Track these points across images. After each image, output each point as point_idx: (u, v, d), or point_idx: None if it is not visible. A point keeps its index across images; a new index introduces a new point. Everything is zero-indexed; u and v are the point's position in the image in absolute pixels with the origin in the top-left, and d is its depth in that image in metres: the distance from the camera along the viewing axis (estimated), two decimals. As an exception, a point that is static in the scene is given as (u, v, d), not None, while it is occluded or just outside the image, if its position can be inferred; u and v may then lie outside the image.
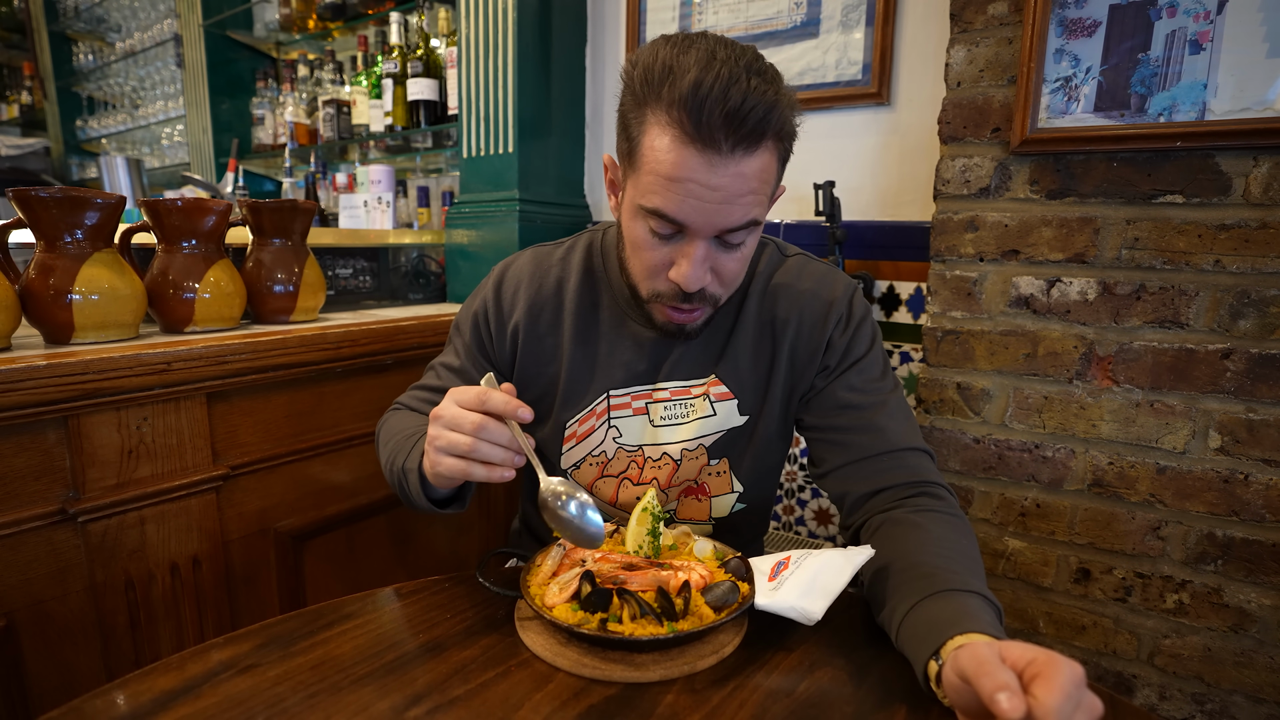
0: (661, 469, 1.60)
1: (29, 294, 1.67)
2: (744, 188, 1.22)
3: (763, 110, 1.16)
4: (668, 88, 1.18)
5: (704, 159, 1.18)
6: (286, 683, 1.04)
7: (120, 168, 3.86)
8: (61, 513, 1.58)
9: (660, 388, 1.57)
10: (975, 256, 2.20)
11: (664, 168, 1.21)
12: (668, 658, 1.11)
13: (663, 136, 1.20)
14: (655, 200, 1.24)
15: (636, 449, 1.60)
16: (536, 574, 1.27)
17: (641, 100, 1.23)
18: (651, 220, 1.28)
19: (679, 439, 1.58)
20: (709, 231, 1.27)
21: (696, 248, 1.28)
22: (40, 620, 1.57)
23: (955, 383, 2.28)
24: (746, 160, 1.20)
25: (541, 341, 1.59)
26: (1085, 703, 0.84)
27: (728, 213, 1.24)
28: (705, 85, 1.14)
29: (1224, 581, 1.98)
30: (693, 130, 1.17)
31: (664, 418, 1.58)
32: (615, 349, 1.57)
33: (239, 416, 1.90)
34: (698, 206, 1.22)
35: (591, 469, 1.63)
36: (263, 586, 1.99)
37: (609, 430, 1.59)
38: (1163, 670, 2.08)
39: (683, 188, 1.21)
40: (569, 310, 1.58)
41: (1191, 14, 1.84)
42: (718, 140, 1.17)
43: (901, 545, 1.27)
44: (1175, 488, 2.01)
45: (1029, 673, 0.86)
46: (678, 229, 1.27)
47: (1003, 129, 2.12)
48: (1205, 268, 1.91)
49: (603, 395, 1.58)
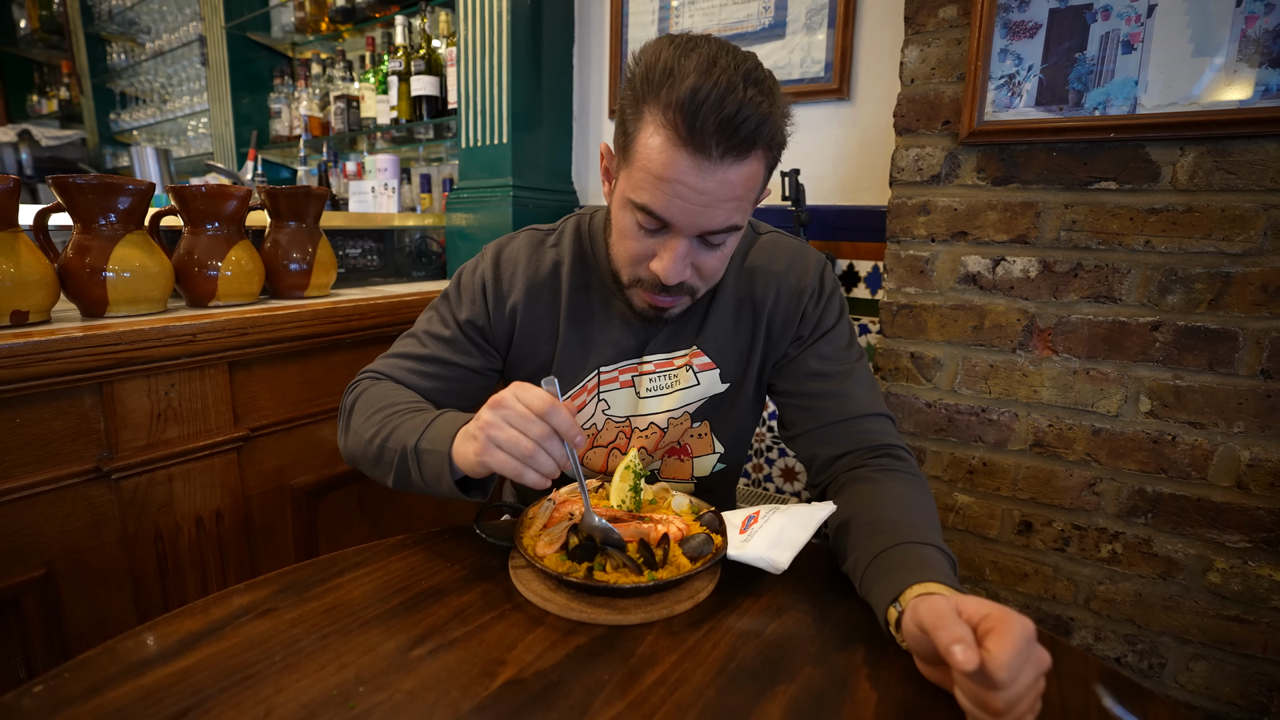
0: (649, 437, 1.58)
1: (67, 272, 1.67)
2: (729, 194, 1.19)
3: (755, 122, 1.13)
4: (666, 89, 1.14)
5: (694, 163, 1.15)
6: (301, 625, 1.04)
7: (150, 157, 3.83)
8: (96, 470, 1.58)
9: (645, 361, 1.54)
10: (927, 238, 2.19)
11: (655, 166, 1.18)
12: (648, 603, 1.11)
13: (656, 136, 1.17)
14: (644, 197, 1.22)
15: (624, 420, 1.57)
16: (529, 526, 1.26)
17: (640, 97, 1.19)
18: (638, 214, 1.25)
19: (665, 408, 1.55)
20: (691, 231, 1.24)
21: (679, 244, 1.25)
22: (78, 569, 1.57)
23: (909, 352, 2.28)
24: (735, 168, 1.17)
25: (539, 321, 1.54)
26: (1035, 656, 0.84)
27: (711, 216, 1.21)
28: (702, 92, 1.10)
29: (1153, 533, 1.98)
30: (686, 134, 1.13)
31: (650, 389, 1.55)
32: (605, 328, 1.53)
33: (258, 383, 1.89)
34: (683, 207, 1.19)
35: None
36: (279, 538, 1.99)
37: (599, 404, 1.56)
38: (1098, 614, 2.09)
39: (670, 188, 1.18)
40: (564, 292, 1.53)
41: (1124, 17, 1.84)
42: (709, 146, 1.13)
43: (865, 501, 1.27)
44: (1109, 448, 2.01)
45: (983, 627, 0.86)
46: (662, 225, 1.24)
47: (952, 122, 2.11)
48: (1136, 248, 1.91)
49: (593, 372, 1.54)
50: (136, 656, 0.96)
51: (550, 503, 1.31)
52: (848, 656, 1.01)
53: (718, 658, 0.99)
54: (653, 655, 0.99)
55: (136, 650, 0.98)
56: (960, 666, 0.80)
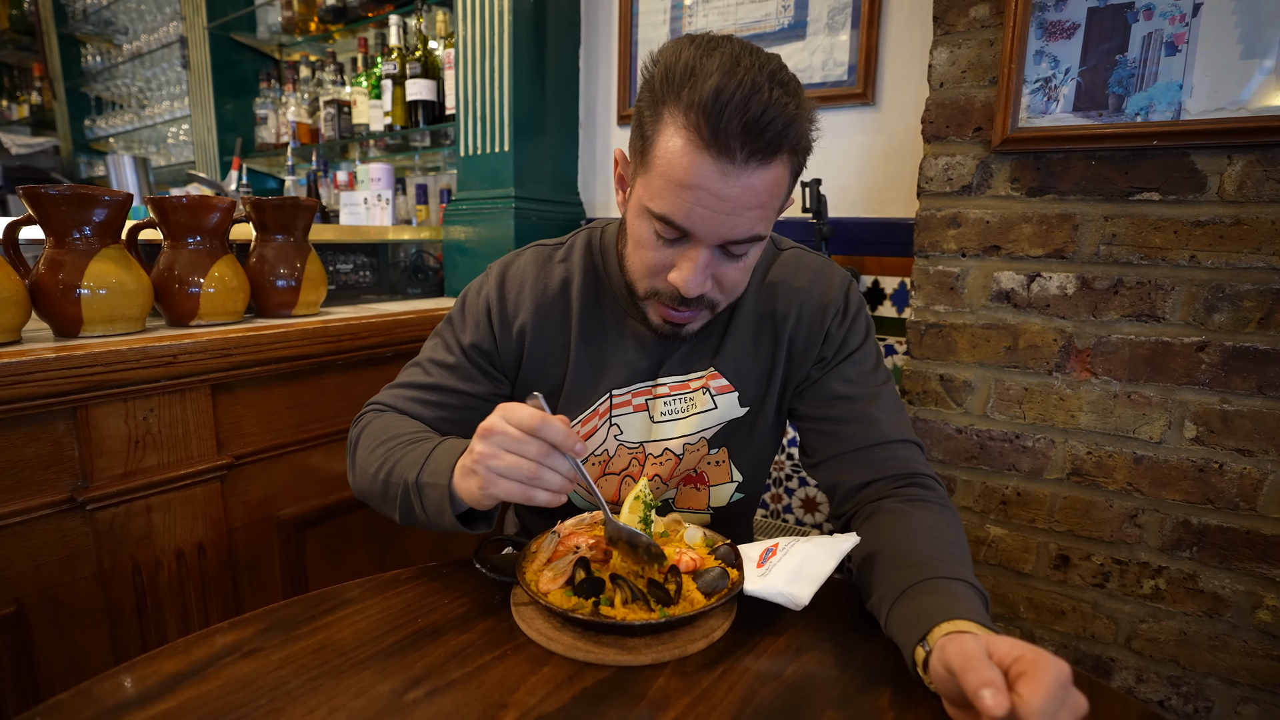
0: (663, 464, 1.56)
1: (39, 288, 1.68)
2: (753, 200, 1.19)
3: (782, 124, 1.13)
4: (688, 90, 1.14)
5: (717, 167, 1.15)
6: (289, 666, 1.04)
7: (127, 166, 3.85)
8: (70, 501, 1.58)
9: (660, 383, 1.53)
10: (958, 252, 2.20)
11: (675, 172, 1.17)
12: (659, 642, 1.11)
13: (677, 139, 1.17)
14: (663, 205, 1.21)
15: (638, 446, 1.57)
16: (532, 560, 1.26)
17: (660, 99, 1.19)
18: (657, 223, 1.24)
19: (680, 434, 1.55)
20: (713, 240, 1.23)
21: (699, 254, 1.25)
22: (50, 605, 1.57)
23: (938, 374, 2.28)
24: (759, 172, 1.17)
25: (549, 342, 1.53)
26: (1070, 701, 0.83)
27: (734, 224, 1.21)
28: (726, 92, 1.10)
29: (1199, 568, 1.98)
30: (709, 136, 1.13)
31: (664, 413, 1.54)
32: (619, 348, 1.53)
33: (243, 408, 1.90)
34: (705, 215, 1.19)
35: (593, 468, 1.59)
36: (266, 573, 1.99)
37: (610, 429, 1.56)
38: (1140, 654, 2.09)
39: (692, 195, 1.17)
40: (575, 310, 1.52)
41: (1168, 16, 1.84)
42: (733, 150, 1.13)
43: (891, 533, 1.26)
44: (1152, 477, 2.01)
45: (1015, 670, 0.85)
46: (682, 234, 1.24)
47: (984, 128, 2.11)
48: (1181, 263, 1.91)
49: (605, 395, 1.53)
50: (113, 699, 0.96)
51: (555, 535, 1.31)
52: (872, 700, 1.01)
53: (734, 701, 0.99)
54: (664, 698, 1.00)
55: (113, 693, 0.98)
56: (990, 712, 0.80)
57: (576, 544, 1.27)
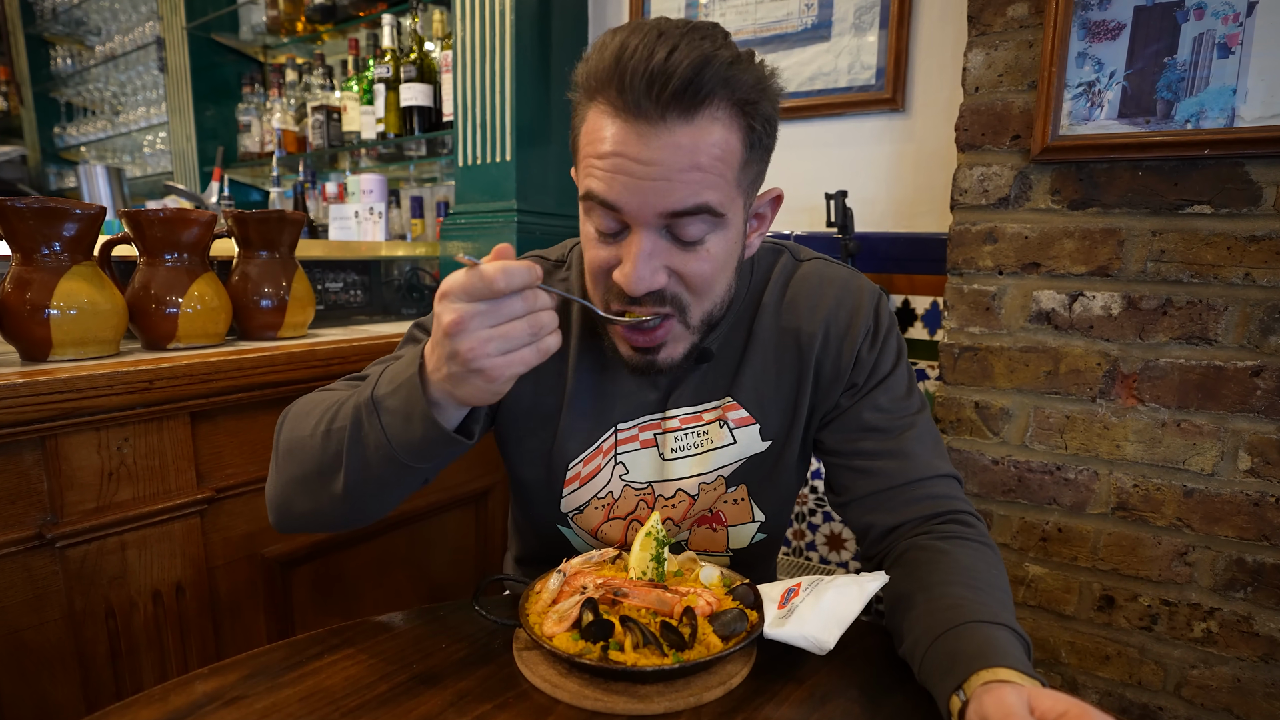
0: (676, 506, 1.52)
1: (4, 309, 1.68)
2: (684, 161, 1.12)
3: (693, 67, 1.07)
4: (595, 61, 1.13)
5: (633, 129, 1.11)
6: (274, 715, 1.04)
7: (100, 177, 3.87)
8: (39, 537, 1.58)
9: (670, 416, 1.48)
10: (994, 269, 2.20)
11: (593, 146, 1.16)
12: (673, 689, 1.11)
13: (589, 110, 1.17)
14: (587, 183, 1.19)
15: (645, 486, 1.51)
16: (535, 602, 1.26)
17: (580, 83, 1.19)
18: (591, 212, 1.21)
19: (694, 472, 1.49)
20: (648, 216, 1.16)
21: (639, 239, 1.18)
22: (16, 650, 1.57)
23: (973, 401, 2.29)
24: (685, 129, 1.11)
25: (542, 368, 1.31)
26: None
27: (667, 191, 1.14)
28: (629, 49, 1.08)
29: (1254, 609, 1.98)
30: (617, 99, 1.11)
31: (675, 449, 1.48)
32: (622, 377, 1.46)
33: (224, 437, 1.90)
34: (628, 184, 1.14)
35: (597, 512, 1.54)
36: (249, 614, 1.99)
37: (615, 468, 1.50)
38: (1190, 702, 2.08)
39: (611, 163, 1.14)
40: (575, 332, 1.47)
41: (1220, 16, 1.85)
42: (645, 107, 1.09)
43: (927, 574, 1.23)
44: (1203, 511, 2.01)
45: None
46: (619, 221, 1.19)
47: (1023, 136, 2.12)
48: (1234, 281, 1.91)
49: (609, 430, 1.49)
50: (87, 750, 0.97)
51: (560, 575, 1.31)
52: (903, 753, 1.01)
53: (753, 754, 1.00)
54: (678, 751, 1.00)
55: (87, 743, 0.99)
56: None
57: (584, 584, 1.27)
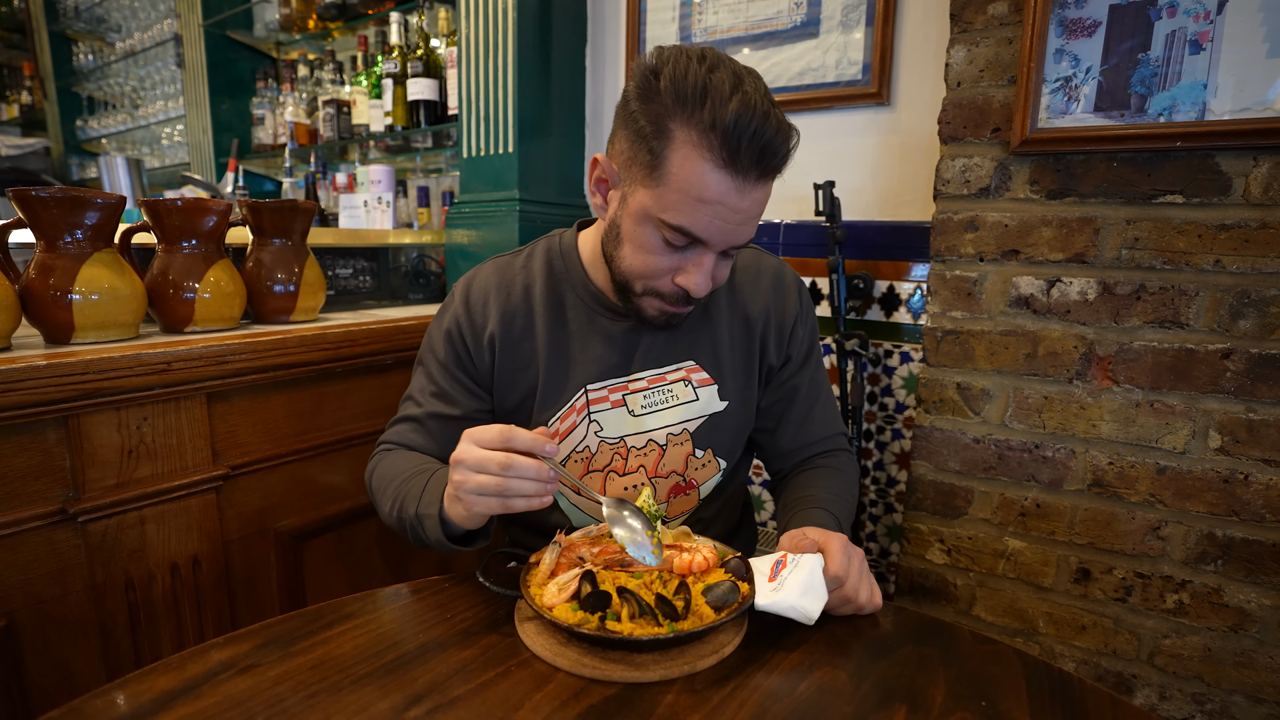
0: (647, 456, 1.68)
1: (29, 294, 1.68)
2: (757, 211, 1.37)
3: (787, 150, 1.32)
4: (706, 110, 1.26)
5: (735, 185, 1.30)
6: (286, 683, 1.05)
7: (120, 168, 3.86)
8: (61, 513, 1.58)
9: (636, 378, 1.66)
10: (975, 256, 2.20)
11: (696, 190, 1.30)
12: (668, 658, 1.12)
13: (697, 158, 1.29)
14: (682, 219, 1.34)
15: (618, 440, 1.67)
16: (535, 573, 1.27)
17: (668, 113, 1.30)
18: (669, 232, 1.36)
19: (664, 424, 1.67)
20: (723, 247, 1.40)
21: (708, 260, 1.41)
22: (40, 620, 1.58)
23: (955, 383, 2.28)
24: (763, 186, 1.35)
25: (517, 347, 1.65)
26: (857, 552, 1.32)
27: (743, 233, 1.39)
28: (744, 119, 1.24)
29: (1224, 581, 1.98)
30: (728, 158, 1.27)
31: (644, 406, 1.66)
32: (587, 344, 1.65)
33: (239, 416, 1.90)
34: (721, 228, 1.35)
35: (577, 465, 1.68)
36: (262, 586, 1.99)
37: (590, 425, 1.66)
38: (1163, 670, 2.08)
39: (712, 210, 1.32)
40: (539, 313, 1.65)
41: (1191, 14, 1.84)
42: (748, 170, 1.29)
43: (803, 485, 1.69)
44: (1175, 488, 2.01)
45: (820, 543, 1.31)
46: (693, 241, 1.38)
47: (1003, 129, 2.11)
48: (1205, 268, 1.91)
49: (580, 391, 1.64)
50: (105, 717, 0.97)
51: (557, 545, 1.31)
52: (886, 717, 1.01)
53: (744, 719, 1.00)
54: (673, 716, 1.00)
55: (105, 710, 0.98)
56: None
57: (580, 554, 1.28)
